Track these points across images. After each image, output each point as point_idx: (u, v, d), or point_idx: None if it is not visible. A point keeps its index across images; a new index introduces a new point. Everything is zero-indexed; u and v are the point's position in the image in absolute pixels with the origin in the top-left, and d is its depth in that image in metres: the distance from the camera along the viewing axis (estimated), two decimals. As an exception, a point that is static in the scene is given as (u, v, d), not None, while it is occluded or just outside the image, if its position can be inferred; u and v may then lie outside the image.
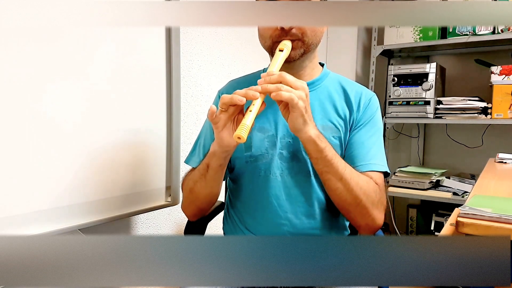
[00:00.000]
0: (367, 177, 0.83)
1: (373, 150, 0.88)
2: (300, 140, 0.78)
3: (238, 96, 0.71)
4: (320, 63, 0.95)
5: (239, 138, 0.68)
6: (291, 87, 0.72)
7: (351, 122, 0.90)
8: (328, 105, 0.90)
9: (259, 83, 0.73)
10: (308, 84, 0.83)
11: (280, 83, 0.72)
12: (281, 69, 0.79)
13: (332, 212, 0.90)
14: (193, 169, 0.94)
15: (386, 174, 0.89)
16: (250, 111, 0.71)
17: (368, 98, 0.92)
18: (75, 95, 0.99)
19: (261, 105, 0.72)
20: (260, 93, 0.72)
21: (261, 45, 0.89)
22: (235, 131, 0.74)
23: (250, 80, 0.99)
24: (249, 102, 0.73)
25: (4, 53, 0.85)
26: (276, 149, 0.88)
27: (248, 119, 0.70)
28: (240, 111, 0.76)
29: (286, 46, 0.81)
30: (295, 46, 0.83)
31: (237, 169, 0.93)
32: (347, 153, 0.88)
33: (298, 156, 0.87)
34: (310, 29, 0.83)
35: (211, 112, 0.74)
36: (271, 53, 0.86)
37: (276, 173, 0.88)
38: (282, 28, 0.81)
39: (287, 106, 0.73)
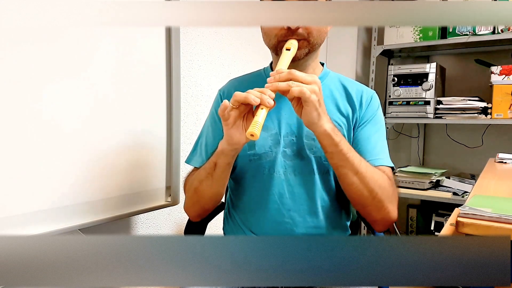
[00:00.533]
0: (380, 171, 0.83)
1: (379, 146, 0.88)
2: (315, 135, 0.76)
3: (253, 96, 0.70)
4: (320, 62, 0.96)
5: (252, 135, 0.67)
6: (302, 82, 0.71)
7: (354, 121, 0.90)
8: (330, 104, 0.90)
9: (269, 81, 0.73)
10: None
11: (290, 80, 0.72)
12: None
13: (335, 211, 0.90)
14: (195, 169, 0.93)
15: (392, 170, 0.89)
16: (262, 109, 0.70)
17: (370, 96, 0.92)
18: (75, 95, 0.99)
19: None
20: (270, 90, 0.71)
21: (265, 43, 0.89)
22: (245, 128, 0.74)
23: (251, 79, 0.99)
24: None
25: (4, 54, 0.85)
26: (280, 147, 0.88)
27: (261, 117, 0.69)
28: (250, 109, 0.75)
29: (293, 45, 0.81)
30: (300, 46, 0.83)
31: (239, 168, 0.93)
32: None
33: (302, 155, 0.87)
34: (316, 29, 0.83)
35: (224, 107, 0.72)
36: (275, 51, 0.86)
37: (280, 171, 0.88)
38: (288, 28, 0.81)
39: (299, 101, 0.72)
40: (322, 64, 0.96)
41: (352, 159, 0.77)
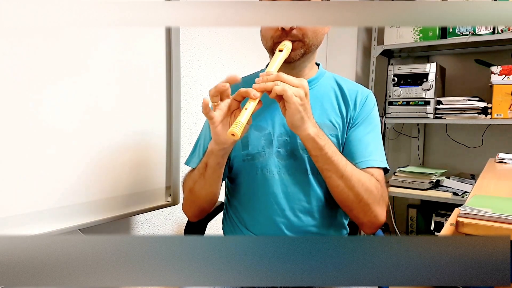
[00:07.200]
0: (368, 173, 0.83)
1: (371, 146, 0.88)
2: (299, 138, 0.78)
3: (221, 83, 0.72)
4: (316, 63, 0.96)
5: (233, 135, 0.68)
6: (290, 85, 0.72)
7: (348, 120, 0.90)
8: (325, 103, 0.91)
9: (257, 82, 0.73)
10: None
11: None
12: (280, 70, 0.79)
13: (331, 209, 0.90)
14: (193, 169, 0.94)
15: (386, 171, 0.89)
16: (246, 109, 0.71)
17: (365, 96, 0.92)
18: (75, 95, 0.99)
19: (257, 104, 0.73)
20: (257, 90, 0.72)
21: (263, 45, 0.89)
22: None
23: (248, 80, 0.99)
24: (246, 100, 0.74)
25: (4, 54, 0.85)
26: (273, 147, 0.88)
27: (243, 117, 0.70)
28: (238, 107, 0.76)
29: (286, 46, 0.81)
30: (295, 47, 0.83)
31: (235, 168, 0.93)
32: (345, 151, 0.89)
33: (295, 154, 0.88)
34: (311, 30, 0.83)
35: (205, 105, 0.73)
36: (272, 53, 0.86)
37: (274, 171, 0.88)
38: (283, 29, 0.81)
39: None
40: (318, 65, 0.96)
41: (336, 163, 0.78)
